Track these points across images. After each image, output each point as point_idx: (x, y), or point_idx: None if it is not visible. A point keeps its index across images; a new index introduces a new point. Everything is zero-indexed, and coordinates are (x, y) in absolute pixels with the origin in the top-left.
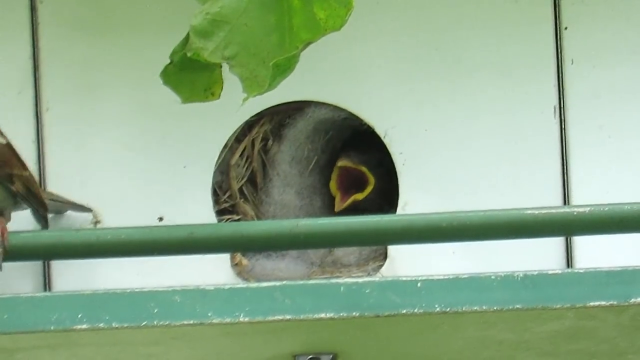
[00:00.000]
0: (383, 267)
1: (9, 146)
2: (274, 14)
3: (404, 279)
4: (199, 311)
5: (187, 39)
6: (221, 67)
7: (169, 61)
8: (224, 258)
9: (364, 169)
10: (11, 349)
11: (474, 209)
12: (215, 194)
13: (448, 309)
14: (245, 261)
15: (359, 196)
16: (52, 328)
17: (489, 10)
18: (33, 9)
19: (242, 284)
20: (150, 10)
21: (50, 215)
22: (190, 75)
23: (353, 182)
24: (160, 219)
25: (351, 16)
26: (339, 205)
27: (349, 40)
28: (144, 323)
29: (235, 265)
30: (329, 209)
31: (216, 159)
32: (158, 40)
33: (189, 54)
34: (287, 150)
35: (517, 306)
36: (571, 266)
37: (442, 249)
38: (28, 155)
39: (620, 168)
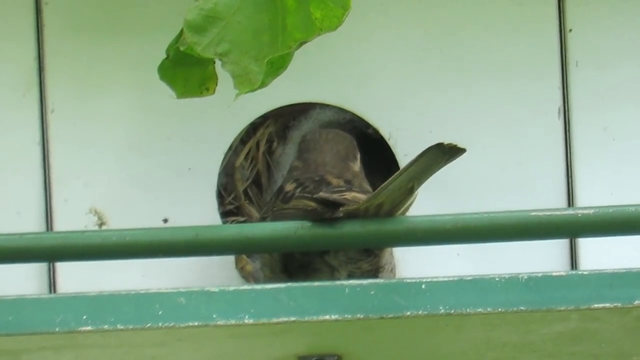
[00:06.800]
0: None
1: None
2: (268, 13)
3: (408, 280)
4: (204, 313)
5: (181, 33)
6: (214, 62)
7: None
8: (229, 259)
9: None
10: (16, 350)
11: (478, 211)
12: (220, 196)
13: (452, 311)
14: (250, 266)
15: None
16: (57, 330)
17: (494, 13)
18: (38, 10)
19: (246, 286)
20: (155, 12)
21: None
22: (184, 70)
23: None
24: (165, 220)
25: (356, 18)
26: None
27: (353, 42)
28: (148, 325)
29: (240, 269)
30: None
31: (221, 160)
32: (163, 42)
33: (182, 48)
34: (291, 152)
35: (521, 308)
36: (575, 268)
37: (447, 250)
38: (33, 156)
39: (624, 170)
